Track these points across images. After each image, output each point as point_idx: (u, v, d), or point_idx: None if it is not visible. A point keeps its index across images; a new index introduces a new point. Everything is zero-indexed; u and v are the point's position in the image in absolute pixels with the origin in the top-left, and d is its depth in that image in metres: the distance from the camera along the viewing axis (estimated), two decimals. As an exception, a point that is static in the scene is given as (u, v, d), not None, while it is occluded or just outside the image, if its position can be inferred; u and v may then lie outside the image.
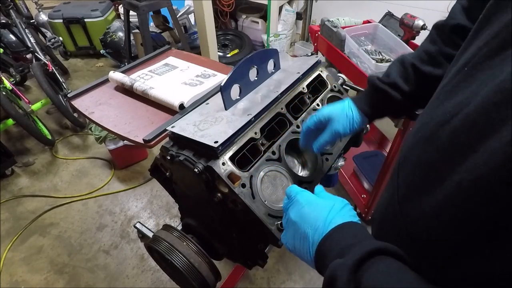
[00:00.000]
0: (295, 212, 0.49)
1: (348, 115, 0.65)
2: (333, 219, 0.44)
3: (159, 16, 2.32)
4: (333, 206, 0.46)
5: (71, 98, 0.93)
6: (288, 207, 0.51)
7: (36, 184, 2.08)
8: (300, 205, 0.49)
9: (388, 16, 1.75)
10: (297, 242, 0.47)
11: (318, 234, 0.44)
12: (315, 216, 0.46)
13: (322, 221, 0.44)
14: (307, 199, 0.49)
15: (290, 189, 0.53)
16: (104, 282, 1.57)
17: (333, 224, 0.43)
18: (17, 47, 2.66)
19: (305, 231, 0.45)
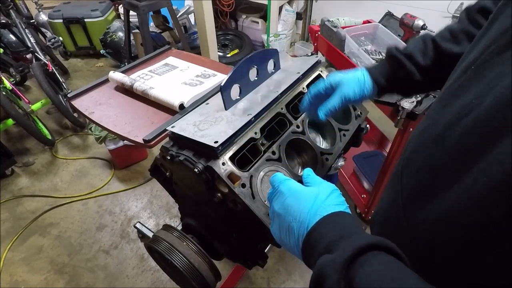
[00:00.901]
0: (278, 203, 0.47)
1: (360, 80, 0.61)
2: (317, 210, 0.42)
3: (159, 16, 2.32)
4: (317, 195, 0.44)
5: (71, 98, 0.93)
6: (272, 197, 0.49)
7: (36, 184, 2.08)
8: (283, 196, 0.46)
9: (388, 16, 1.75)
10: (283, 235, 0.45)
11: (303, 227, 0.41)
12: (299, 207, 0.43)
13: (306, 213, 0.42)
14: (290, 189, 0.47)
15: (274, 178, 0.50)
16: (104, 282, 1.57)
17: (318, 215, 0.41)
18: (17, 47, 2.66)
19: (289, 224, 0.43)
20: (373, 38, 1.61)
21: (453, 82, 0.41)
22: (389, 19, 1.73)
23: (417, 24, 1.41)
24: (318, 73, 0.84)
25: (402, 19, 1.46)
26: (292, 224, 0.43)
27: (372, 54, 1.52)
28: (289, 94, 0.75)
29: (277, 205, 0.47)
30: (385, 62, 0.64)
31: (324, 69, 0.86)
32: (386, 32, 1.51)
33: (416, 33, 1.44)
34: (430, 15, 2.12)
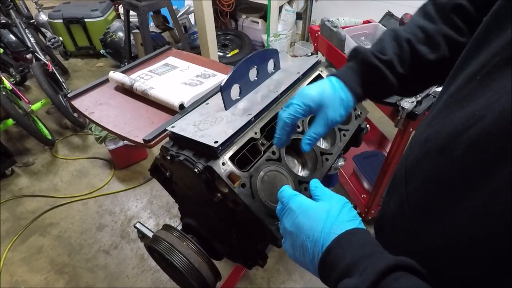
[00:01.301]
0: (289, 221, 0.45)
1: (342, 99, 0.54)
2: (331, 228, 0.40)
3: (159, 16, 2.32)
4: (329, 211, 0.42)
5: (71, 98, 0.93)
6: (282, 214, 0.48)
7: (36, 184, 2.08)
8: (294, 214, 0.45)
9: (388, 16, 1.75)
10: (297, 253, 0.43)
11: (317, 247, 0.40)
12: (311, 226, 0.42)
13: (319, 232, 0.40)
14: (300, 206, 0.45)
15: (282, 193, 0.49)
16: (104, 282, 1.57)
17: (333, 234, 0.39)
18: (17, 47, 2.66)
19: (303, 243, 0.42)
20: (373, 38, 1.61)
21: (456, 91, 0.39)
22: (389, 19, 1.73)
23: (417, 24, 1.40)
24: (318, 73, 0.84)
25: (402, 19, 1.46)
26: (306, 243, 0.41)
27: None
28: (289, 94, 0.75)
29: (288, 223, 0.45)
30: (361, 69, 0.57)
31: (324, 69, 0.86)
32: (386, 32, 1.51)
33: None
34: (430, 15, 2.12)
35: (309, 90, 0.53)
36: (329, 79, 0.56)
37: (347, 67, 0.59)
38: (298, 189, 0.64)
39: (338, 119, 0.54)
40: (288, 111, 0.53)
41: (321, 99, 0.53)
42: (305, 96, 0.53)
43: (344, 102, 0.54)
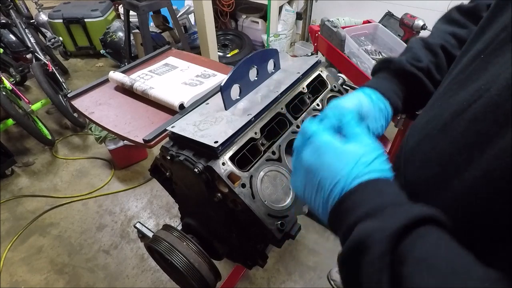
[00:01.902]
0: (310, 155, 0.39)
1: (382, 109, 0.50)
2: (359, 173, 0.35)
3: (159, 16, 2.32)
4: (362, 156, 0.36)
5: (71, 98, 0.93)
6: (301, 146, 0.41)
7: (36, 184, 2.08)
8: (320, 149, 0.38)
9: (388, 16, 1.75)
10: (308, 190, 0.39)
11: (337, 189, 0.35)
12: (337, 165, 0.36)
13: (345, 174, 0.35)
14: (329, 143, 0.38)
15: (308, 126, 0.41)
16: (104, 282, 1.57)
17: (358, 179, 0.35)
18: (17, 47, 2.66)
19: (320, 182, 0.37)
20: (373, 38, 1.61)
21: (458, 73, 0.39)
22: (389, 19, 1.74)
23: (417, 24, 1.41)
24: (318, 73, 0.84)
25: (402, 19, 1.46)
26: (324, 182, 0.37)
27: (372, 54, 1.52)
28: (289, 94, 0.75)
29: (309, 157, 0.39)
30: (397, 78, 0.53)
31: (324, 69, 0.86)
32: (386, 32, 1.52)
33: (416, 33, 1.44)
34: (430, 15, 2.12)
35: (346, 103, 0.49)
36: (362, 90, 0.52)
37: (380, 78, 0.55)
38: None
39: (380, 131, 0.51)
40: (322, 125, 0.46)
41: (359, 112, 0.49)
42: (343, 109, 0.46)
43: (383, 113, 0.51)
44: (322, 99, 0.81)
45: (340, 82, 0.90)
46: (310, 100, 0.80)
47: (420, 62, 0.52)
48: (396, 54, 1.46)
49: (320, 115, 0.47)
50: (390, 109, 0.52)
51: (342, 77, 0.93)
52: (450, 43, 0.53)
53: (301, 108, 0.77)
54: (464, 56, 0.41)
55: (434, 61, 0.53)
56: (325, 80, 0.84)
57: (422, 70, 0.52)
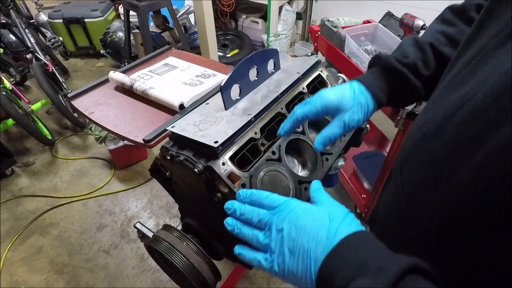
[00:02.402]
0: (287, 223, 0.40)
1: (362, 103, 0.53)
2: (338, 228, 0.37)
3: (159, 16, 2.32)
4: (334, 214, 0.39)
5: (71, 98, 0.93)
6: (272, 218, 0.41)
7: (36, 184, 2.08)
8: (293, 214, 0.40)
9: (388, 16, 1.75)
10: (291, 261, 0.38)
11: (321, 248, 0.36)
12: (315, 226, 0.38)
13: (324, 231, 0.37)
14: (301, 207, 0.41)
15: (271, 198, 0.44)
16: (104, 282, 1.57)
17: (340, 234, 0.36)
18: (17, 47, 2.66)
19: (303, 245, 0.37)
20: (373, 38, 1.61)
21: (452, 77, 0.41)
22: (389, 19, 1.73)
23: (417, 24, 1.41)
24: (318, 73, 0.84)
25: (402, 19, 1.46)
26: (307, 245, 0.37)
27: (372, 54, 1.52)
28: (289, 94, 0.75)
29: (284, 224, 0.40)
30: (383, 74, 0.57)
31: (324, 69, 0.86)
32: (386, 32, 1.52)
33: (416, 33, 1.44)
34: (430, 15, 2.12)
35: (328, 93, 0.53)
36: (350, 83, 0.55)
37: (369, 72, 0.58)
38: (298, 189, 0.64)
39: (354, 124, 0.53)
40: (304, 108, 0.52)
41: (339, 103, 0.52)
42: (324, 98, 0.52)
43: (363, 106, 0.53)
44: (322, 99, 0.81)
45: (340, 82, 0.90)
46: (310, 100, 0.80)
47: (407, 58, 0.55)
48: (396, 54, 1.47)
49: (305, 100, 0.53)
50: (372, 102, 0.54)
51: (342, 77, 0.93)
52: (439, 40, 0.55)
53: (301, 108, 0.77)
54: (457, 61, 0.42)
55: (422, 57, 0.55)
56: (325, 80, 0.84)
57: (408, 65, 0.54)
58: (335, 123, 0.52)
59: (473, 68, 0.36)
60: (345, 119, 0.52)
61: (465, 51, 0.41)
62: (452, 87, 0.39)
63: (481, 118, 0.31)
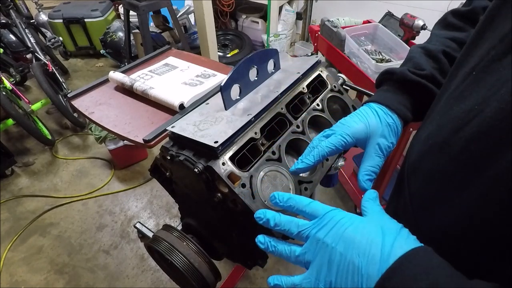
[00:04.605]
0: (332, 236, 0.35)
1: (390, 125, 0.49)
2: (394, 243, 0.32)
3: (159, 16, 2.32)
4: (387, 227, 0.35)
5: (71, 98, 0.93)
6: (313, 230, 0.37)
7: (36, 184, 2.08)
8: (340, 226, 0.36)
9: (388, 16, 1.75)
10: (340, 279, 0.34)
11: (374, 265, 0.32)
12: (366, 240, 0.33)
13: (378, 246, 0.32)
14: (349, 218, 0.36)
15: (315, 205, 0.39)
16: (104, 282, 1.57)
17: (396, 249, 0.32)
18: (17, 47, 2.66)
19: (352, 261, 0.33)
20: (373, 38, 1.61)
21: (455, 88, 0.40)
22: (389, 19, 1.73)
23: (417, 24, 1.41)
24: (318, 73, 0.84)
25: (402, 19, 1.46)
26: (357, 260, 0.33)
27: (372, 54, 1.52)
28: (289, 94, 0.75)
29: (330, 237, 0.35)
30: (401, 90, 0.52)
31: (324, 69, 0.86)
32: (386, 32, 1.51)
33: (416, 33, 1.44)
34: (430, 15, 2.12)
35: (352, 122, 0.48)
36: (368, 106, 0.51)
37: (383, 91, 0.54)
38: (298, 189, 0.64)
39: (391, 147, 0.49)
40: (330, 141, 0.46)
41: (367, 129, 0.48)
42: (350, 128, 0.47)
43: (392, 128, 0.49)
44: (322, 99, 0.81)
45: (340, 82, 0.90)
46: (310, 100, 0.80)
47: (423, 70, 0.51)
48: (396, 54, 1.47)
49: (325, 132, 0.48)
50: (399, 122, 0.50)
51: (342, 77, 0.93)
52: (451, 47, 0.52)
53: (301, 108, 0.77)
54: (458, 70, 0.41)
55: (437, 67, 0.52)
56: (325, 80, 0.84)
57: (426, 77, 0.51)
58: (372, 152, 0.47)
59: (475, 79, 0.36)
60: (380, 146, 0.47)
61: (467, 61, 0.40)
62: (455, 97, 0.38)
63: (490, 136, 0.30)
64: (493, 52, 0.34)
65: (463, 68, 0.40)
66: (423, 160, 0.41)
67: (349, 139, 0.47)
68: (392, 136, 0.49)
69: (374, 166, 0.47)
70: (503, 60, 0.32)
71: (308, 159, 0.48)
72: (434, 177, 0.38)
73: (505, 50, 0.32)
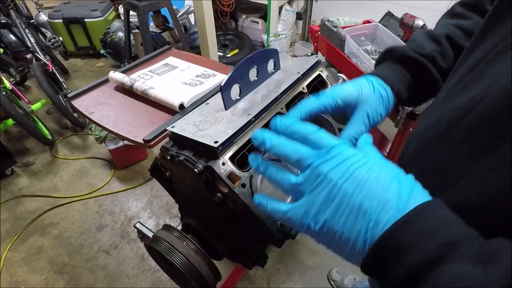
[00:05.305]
0: (339, 171, 0.31)
1: (383, 96, 0.46)
2: (412, 193, 0.29)
3: (159, 16, 2.32)
4: (403, 177, 0.31)
5: (71, 98, 0.93)
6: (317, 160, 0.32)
7: (36, 184, 2.08)
8: (351, 164, 0.31)
9: (388, 16, 1.75)
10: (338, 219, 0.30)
11: (388, 212, 0.28)
12: (381, 184, 0.29)
13: (394, 193, 0.29)
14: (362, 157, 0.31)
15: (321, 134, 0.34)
16: (104, 282, 1.57)
17: (413, 200, 0.28)
18: (17, 47, 2.66)
19: (360, 203, 0.29)
20: (373, 38, 1.61)
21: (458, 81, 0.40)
22: (389, 19, 1.73)
23: (417, 24, 1.41)
24: (318, 73, 0.84)
25: (402, 19, 1.46)
26: (367, 204, 0.29)
27: (372, 54, 1.52)
28: (289, 94, 0.75)
29: (336, 173, 0.31)
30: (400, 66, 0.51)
31: (324, 69, 0.86)
32: (386, 32, 1.52)
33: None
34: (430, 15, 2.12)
35: (345, 86, 0.46)
36: (365, 77, 0.49)
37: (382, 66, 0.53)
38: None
39: (379, 119, 0.46)
40: (321, 99, 0.44)
41: (359, 96, 0.45)
42: (342, 91, 0.45)
43: (384, 100, 0.47)
44: (322, 99, 0.81)
45: (340, 82, 0.90)
46: (310, 100, 0.80)
47: (424, 50, 0.50)
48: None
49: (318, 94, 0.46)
50: (392, 95, 0.48)
51: (342, 77, 0.93)
52: (455, 33, 0.51)
53: (301, 108, 0.77)
54: (462, 65, 0.41)
55: (438, 49, 0.50)
56: (325, 80, 0.84)
57: (426, 56, 0.50)
58: (358, 118, 0.44)
59: (480, 71, 0.35)
60: (368, 114, 0.44)
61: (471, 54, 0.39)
62: (457, 91, 0.38)
63: (490, 123, 0.30)
64: (501, 45, 0.33)
65: (467, 62, 0.39)
66: (420, 152, 0.41)
67: (339, 101, 0.44)
68: (382, 108, 0.46)
69: (356, 132, 0.43)
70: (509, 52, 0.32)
71: (294, 113, 0.44)
72: (430, 169, 0.38)
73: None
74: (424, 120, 0.44)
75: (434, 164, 0.37)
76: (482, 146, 0.31)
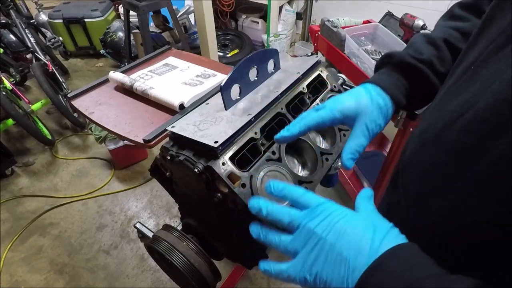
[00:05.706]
0: (324, 226, 0.35)
1: (381, 106, 0.48)
2: (383, 240, 0.33)
3: (159, 16, 2.32)
4: (378, 225, 0.35)
5: (71, 98, 0.93)
6: (305, 220, 0.37)
7: (36, 184, 2.08)
8: (333, 218, 0.36)
9: (388, 16, 1.75)
10: (327, 269, 0.34)
11: (362, 258, 0.32)
12: (357, 234, 0.34)
13: (367, 241, 0.33)
14: (342, 211, 0.37)
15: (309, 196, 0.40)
16: (104, 282, 1.57)
17: (384, 246, 0.32)
18: (17, 47, 2.66)
19: (341, 253, 0.33)
20: (373, 38, 1.61)
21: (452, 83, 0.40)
22: (389, 19, 1.74)
23: (417, 24, 1.41)
24: (318, 73, 0.84)
25: (402, 19, 1.46)
26: (346, 252, 0.33)
27: (372, 54, 1.52)
28: (289, 94, 0.75)
29: (320, 227, 0.36)
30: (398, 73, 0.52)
31: (324, 69, 0.86)
32: (386, 32, 1.51)
33: (416, 33, 1.44)
34: (430, 15, 2.12)
35: (343, 98, 0.48)
36: (363, 86, 0.50)
37: (381, 73, 0.53)
38: (298, 189, 0.64)
39: (377, 130, 0.48)
40: (319, 114, 0.46)
41: (357, 108, 0.46)
42: (340, 103, 0.47)
43: (382, 109, 0.48)
44: (322, 99, 0.81)
45: (340, 82, 0.90)
46: (310, 100, 0.80)
47: (422, 55, 0.51)
48: (396, 54, 1.46)
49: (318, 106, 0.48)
50: (390, 104, 0.49)
51: (342, 77, 0.93)
52: (453, 36, 0.52)
53: (301, 108, 0.77)
54: (458, 67, 0.41)
55: (437, 54, 0.51)
56: (325, 80, 0.84)
57: (424, 62, 0.50)
58: (358, 131, 0.46)
59: (472, 74, 0.36)
60: (367, 125, 0.46)
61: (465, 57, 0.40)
62: (452, 93, 0.39)
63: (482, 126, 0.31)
64: (491, 47, 0.34)
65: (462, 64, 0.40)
66: (417, 155, 0.42)
67: (338, 114, 0.46)
68: (381, 118, 0.48)
69: (358, 145, 0.45)
70: (499, 53, 0.32)
71: (294, 128, 0.47)
72: (428, 171, 0.38)
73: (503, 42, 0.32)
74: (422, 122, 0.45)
75: (430, 166, 0.38)
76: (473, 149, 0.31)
